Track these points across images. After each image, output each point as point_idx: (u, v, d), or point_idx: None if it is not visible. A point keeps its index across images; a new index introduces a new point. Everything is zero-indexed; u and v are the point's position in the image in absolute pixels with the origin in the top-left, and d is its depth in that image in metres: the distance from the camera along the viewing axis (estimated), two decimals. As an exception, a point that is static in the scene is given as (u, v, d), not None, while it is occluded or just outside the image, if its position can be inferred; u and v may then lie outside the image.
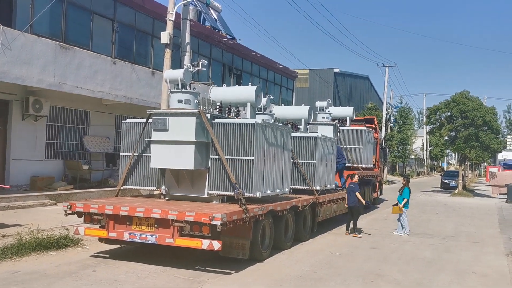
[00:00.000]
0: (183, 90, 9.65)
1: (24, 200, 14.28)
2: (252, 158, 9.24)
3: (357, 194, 13.18)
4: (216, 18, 26.76)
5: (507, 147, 35.50)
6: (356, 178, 13.91)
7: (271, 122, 10.68)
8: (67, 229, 10.43)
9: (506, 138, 35.71)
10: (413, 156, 67.32)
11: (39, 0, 15.10)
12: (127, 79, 18.60)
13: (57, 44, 15.64)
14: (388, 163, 50.81)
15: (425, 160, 73.99)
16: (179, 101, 9.60)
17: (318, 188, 12.89)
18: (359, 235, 13.00)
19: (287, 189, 11.02)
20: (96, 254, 9.43)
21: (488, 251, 11.76)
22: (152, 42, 20.29)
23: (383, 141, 41.28)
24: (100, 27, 17.77)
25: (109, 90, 17.68)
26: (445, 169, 70.57)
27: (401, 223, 13.68)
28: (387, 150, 34.80)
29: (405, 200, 13.63)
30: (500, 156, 48.47)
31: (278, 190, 10.49)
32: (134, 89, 18.87)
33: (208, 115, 9.63)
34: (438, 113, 31.92)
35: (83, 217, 9.07)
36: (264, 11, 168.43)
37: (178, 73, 9.66)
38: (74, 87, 16.23)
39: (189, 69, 9.95)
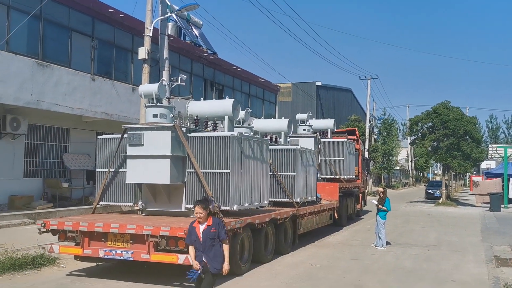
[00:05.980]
0: (158, 104, 9.62)
1: (2, 220, 14.00)
2: (229, 171, 9.20)
3: (225, 247, 6.03)
4: (197, 34, 26.85)
5: (489, 156, 35.77)
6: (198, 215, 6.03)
7: (248, 135, 10.65)
8: (43, 248, 10.23)
9: (487, 148, 36.00)
10: (398, 167, 67.70)
11: (16, 18, 15.01)
12: (107, 96, 18.50)
13: (35, 62, 15.53)
14: (373, 174, 51.02)
15: (411, 171, 74.50)
16: (154, 115, 9.56)
17: (298, 200, 12.84)
18: None
19: (266, 202, 10.97)
20: (72, 273, 9.26)
21: (468, 259, 11.79)
22: (132, 58, 20.24)
23: (366, 152, 41.47)
24: (78, 44, 17.68)
25: (89, 106, 17.55)
26: (430, 179, 71.05)
27: (379, 236, 13.31)
28: (370, 161, 34.95)
29: (385, 208, 13.40)
30: (483, 165, 48.92)
31: (256, 203, 10.44)
32: (114, 106, 18.77)
33: (184, 129, 9.58)
34: (420, 124, 32.19)
35: (57, 235, 8.93)
36: (246, 27, 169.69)
37: (153, 87, 9.63)
38: (53, 105, 16.09)
39: (163, 83, 9.93)
